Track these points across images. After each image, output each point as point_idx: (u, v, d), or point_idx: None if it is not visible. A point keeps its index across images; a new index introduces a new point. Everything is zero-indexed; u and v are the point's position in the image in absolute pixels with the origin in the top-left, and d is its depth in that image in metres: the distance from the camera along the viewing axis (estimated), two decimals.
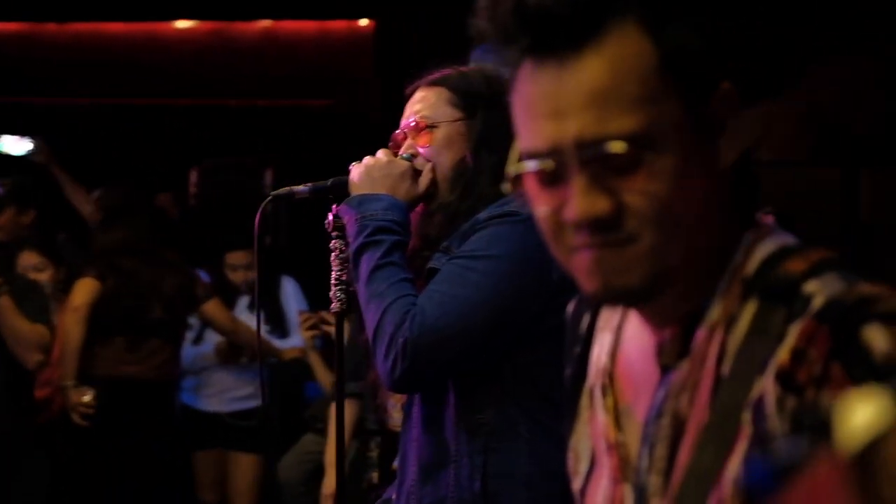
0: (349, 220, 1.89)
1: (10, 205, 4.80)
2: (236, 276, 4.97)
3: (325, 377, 4.49)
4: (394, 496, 1.95)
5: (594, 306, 1.09)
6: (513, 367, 1.77)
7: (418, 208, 1.95)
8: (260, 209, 2.00)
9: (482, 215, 1.80)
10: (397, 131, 2.00)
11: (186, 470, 4.73)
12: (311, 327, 4.36)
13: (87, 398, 4.21)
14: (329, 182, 2.01)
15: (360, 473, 3.55)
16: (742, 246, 0.93)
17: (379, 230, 1.83)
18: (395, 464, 3.21)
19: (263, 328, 4.79)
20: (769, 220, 0.98)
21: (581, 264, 0.92)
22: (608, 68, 0.87)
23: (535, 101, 0.91)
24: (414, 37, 6.30)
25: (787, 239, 0.95)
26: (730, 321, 0.91)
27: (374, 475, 3.18)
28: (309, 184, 2.02)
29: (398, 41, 6.49)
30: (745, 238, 0.94)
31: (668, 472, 0.93)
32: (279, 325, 4.93)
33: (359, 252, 1.84)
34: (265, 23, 7.15)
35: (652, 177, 0.88)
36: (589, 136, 0.87)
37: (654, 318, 0.97)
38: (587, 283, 0.92)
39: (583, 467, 1.06)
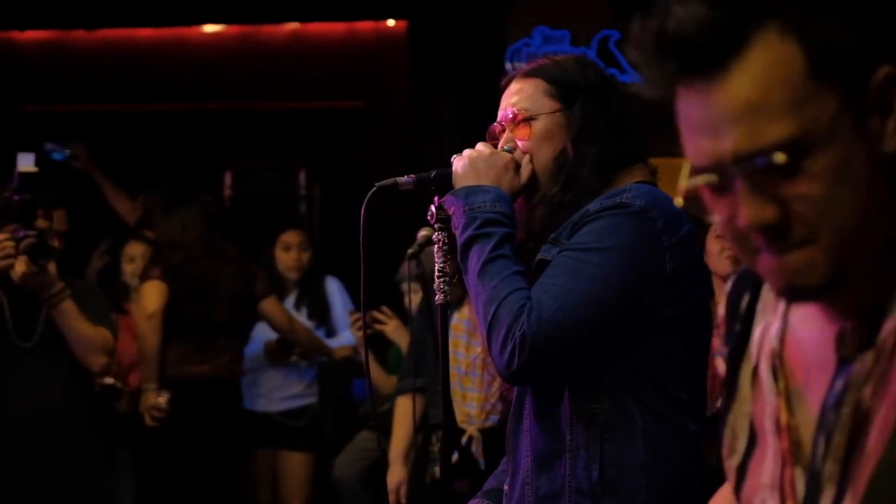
0: (456, 212, 1.89)
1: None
2: (287, 258, 4.93)
3: (378, 375, 4.51)
4: (506, 488, 1.95)
5: (754, 287, 1.10)
6: (627, 357, 1.78)
7: (521, 201, 1.95)
8: (366, 201, 1.99)
9: (593, 206, 1.80)
10: (494, 123, 2.00)
11: (241, 469, 4.74)
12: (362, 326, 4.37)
13: (161, 400, 4.23)
14: (433, 173, 2.00)
15: (423, 467, 3.57)
16: None
17: (488, 222, 1.83)
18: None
19: (311, 326, 4.82)
20: None
21: (764, 266, 0.94)
22: (754, 81, 0.89)
23: (690, 120, 0.93)
24: (444, 37, 6.32)
25: None
26: None
27: (437, 469, 3.19)
28: (412, 175, 2.01)
29: (428, 41, 6.51)
30: None
31: (846, 461, 0.93)
32: (325, 324, 4.94)
33: (468, 244, 1.85)
34: (293, 25, 7.16)
35: (814, 180, 0.89)
36: (744, 151, 0.89)
37: (836, 307, 0.97)
38: (774, 283, 0.95)
39: (741, 444, 1.07)
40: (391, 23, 7.04)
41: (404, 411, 3.72)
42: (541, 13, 6.28)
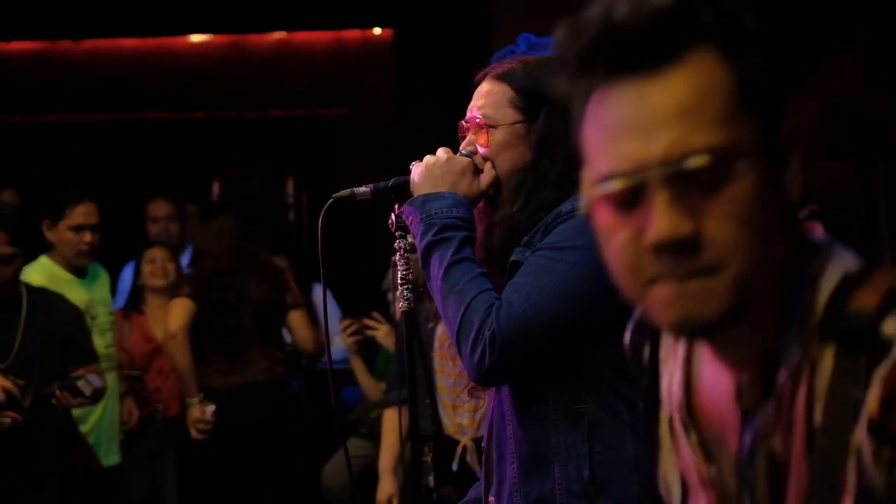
0: (413, 220, 1.87)
1: None
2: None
3: (368, 383, 4.50)
4: (491, 499, 1.93)
5: (653, 336, 1.08)
6: (607, 355, 1.75)
7: (482, 210, 1.94)
8: (323, 212, 1.98)
9: (565, 207, 1.78)
10: (463, 121, 1.97)
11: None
12: (353, 333, 4.38)
13: (208, 414, 4.25)
14: (390, 182, 1.98)
15: (415, 478, 3.56)
16: (807, 278, 0.93)
17: (446, 227, 1.82)
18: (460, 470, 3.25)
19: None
20: (818, 230, 0.98)
21: (659, 295, 0.90)
22: (692, 87, 0.88)
23: (616, 122, 0.90)
24: (430, 44, 6.33)
25: (847, 260, 0.93)
26: (812, 363, 0.90)
27: (430, 478, 3.19)
28: (370, 185, 2.01)
29: (414, 49, 6.52)
30: (809, 267, 0.93)
31: None
32: (315, 332, 4.95)
33: (428, 251, 1.83)
34: (279, 34, 7.19)
35: (734, 199, 0.88)
36: (676, 151, 0.87)
37: (729, 357, 0.96)
38: (665, 314, 0.91)
39: (675, 495, 1.06)
40: (377, 31, 7.05)
41: (392, 424, 3.73)
42: (526, 20, 6.30)
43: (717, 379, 0.98)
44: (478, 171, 1.90)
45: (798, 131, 0.93)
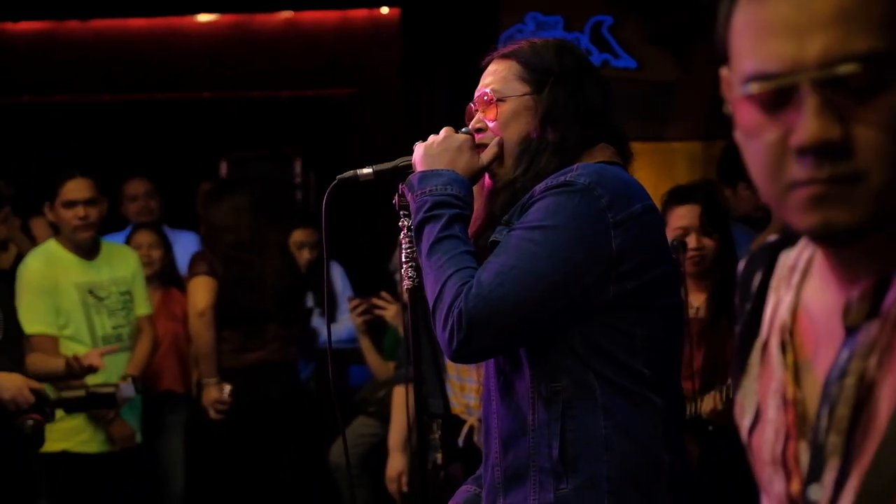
0: (411, 198, 1.91)
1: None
2: (301, 256, 4.97)
3: (376, 361, 4.51)
4: (481, 470, 1.96)
5: (768, 265, 1.08)
6: (583, 336, 1.77)
7: (487, 183, 1.96)
8: (326, 193, 2.00)
9: (539, 187, 1.81)
10: (470, 103, 2.01)
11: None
12: (363, 312, 4.38)
13: (225, 394, 4.26)
14: (392, 163, 2.02)
15: (424, 456, 3.57)
16: None
17: (437, 205, 1.85)
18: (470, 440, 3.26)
19: (317, 312, 4.84)
20: None
21: (800, 199, 0.89)
22: None
23: (771, 21, 0.89)
24: (437, 23, 6.31)
25: None
26: None
27: (438, 456, 3.20)
28: (373, 166, 2.03)
29: (421, 28, 6.50)
30: None
31: (849, 433, 0.92)
32: (328, 309, 4.95)
33: (419, 227, 1.87)
34: (286, 14, 7.16)
35: (888, 108, 0.87)
36: (832, 55, 0.86)
37: (847, 273, 0.95)
38: (804, 218, 0.90)
39: (747, 421, 1.06)
40: (385, 10, 7.03)
41: (401, 401, 3.74)
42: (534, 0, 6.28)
43: (823, 301, 0.98)
44: (478, 146, 1.92)
45: None
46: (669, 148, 6.10)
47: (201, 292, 4.30)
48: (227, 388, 4.25)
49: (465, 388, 3.38)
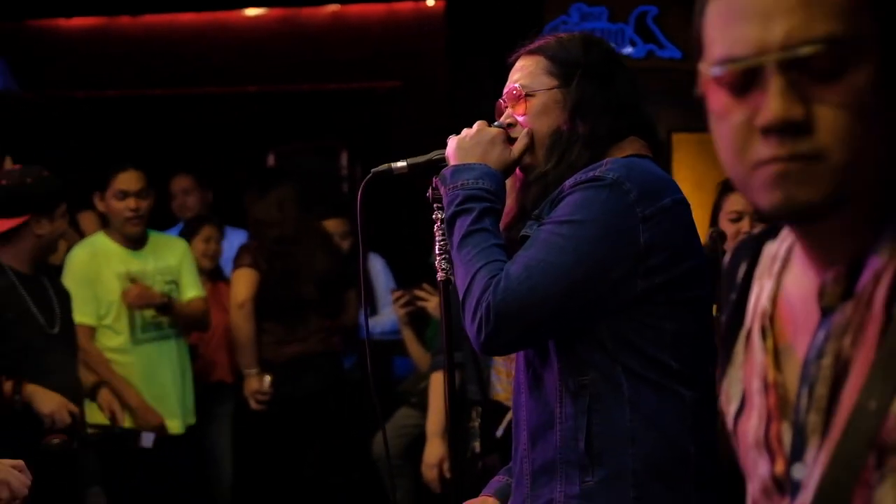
0: (443, 192, 1.93)
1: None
2: (342, 246, 5.00)
3: (418, 352, 4.54)
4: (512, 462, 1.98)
5: (753, 255, 1.11)
6: (611, 331, 1.78)
7: (519, 176, 1.97)
8: (361, 186, 2.03)
9: (568, 182, 1.82)
10: (500, 100, 2.03)
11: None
12: (405, 304, 4.41)
13: (265, 385, 4.31)
14: (426, 157, 2.04)
15: (463, 443, 3.60)
16: None
17: (469, 198, 1.87)
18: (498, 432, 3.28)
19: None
20: None
21: (764, 177, 0.93)
22: None
23: (738, 7, 0.94)
24: (482, 15, 6.31)
25: None
26: None
27: (477, 444, 3.22)
28: (407, 159, 2.05)
29: (466, 20, 6.50)
30: None
31: (828, 411, 0.94)
32: (369, 302, 4.99)
33: (451, 221, 1.89)
34: (333, 7, 7.21)
35: (847, 89, 0.90)
36: (794, 38, 0.90)
37: (820, 254, 0.98)
38: (768, 196, 0.93)
39: (733, 407, 1.09)
40: (430, 2, 7.04)
41: (439, 387, 3.75)
42: None
43: (801, 286, 1.01)
44: (510, 140, 1.94)
45: None
46: (693, 139, 6.05)
47: (242, 284, 4.36)
48: (268, 378, 4.31)
49: (512, 374, 3.38)
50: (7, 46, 7.21)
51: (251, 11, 7.28)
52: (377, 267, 5.20)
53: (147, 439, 3.77)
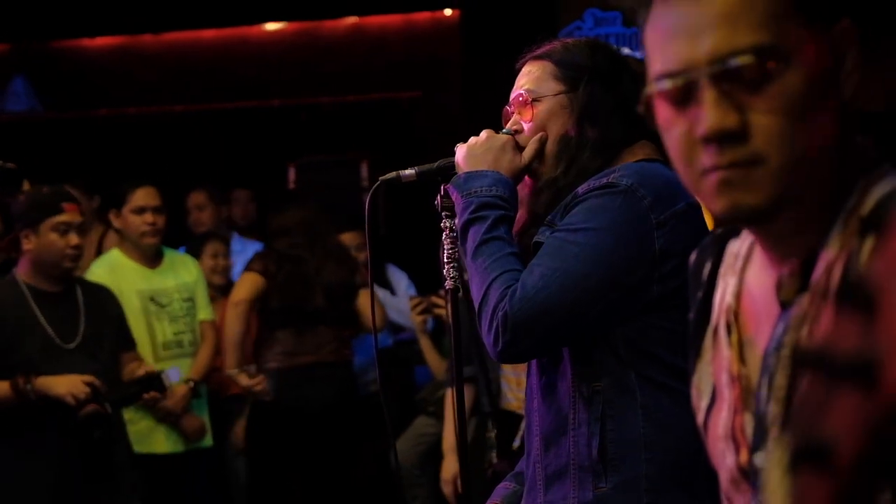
0: (456, 199, 1.92)
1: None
2: (358, 258, 5.02)
3: (435, 361, 4.54)
4: (523, 468, 1.98)
5: (716, 254, 1.13)
6: (625, 336, 1.77)
7: (528, 182, 1.97)
8: (370, 194, 2.04)
9: (582, 188, 1.82)
10: (506, 106, 2.02)
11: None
12: (422, 311, 4.41)
13: (254, 380, 4.32)
14: (435, 164, 2.04)
15: (480, 455, 3.60)
16: (858, 186, 0.97)
17: (483, 206, 1.86)
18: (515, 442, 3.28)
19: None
20: (886, 167, 1.00)
21: (710, 184, 0.97)
22: None
23: (670, 26, 0.99)
24: (496, 22, 6.32)
25: None
26: (849, 256, 0.94)
27: (494, 455, 3.22)
28: (416, 167, 2.05)
29: (481, 28, 6.51)
30: (860, 179, 0.98)
31: (787, 401, 0.96)
32: (373, 311, 4.98)
33: (465, 229, 1.88)
34: (351, 19, 7.25)
35: (778, 95, 0.94)
36: (721, 51, 0.95)
37: (776, 251, 1.01)
38: (716, 202, 0.98)
39: (704, 402, 1.11)
40: (448, 12, 7.07)
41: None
42: None
43: (761, 280, 1.04)
44: (519, 147, 1.94)
45: (850, 31, 0.98)
46: None
47: (243, 285, 4.40)
48: (250, 368, 4.31)
49: (522, 383, 3.39)
50: (31, 67, 7.31)
51: (271, 26, 7.34)
52: (396, 277, 5.21)
53: (174, 374, 3.74)
